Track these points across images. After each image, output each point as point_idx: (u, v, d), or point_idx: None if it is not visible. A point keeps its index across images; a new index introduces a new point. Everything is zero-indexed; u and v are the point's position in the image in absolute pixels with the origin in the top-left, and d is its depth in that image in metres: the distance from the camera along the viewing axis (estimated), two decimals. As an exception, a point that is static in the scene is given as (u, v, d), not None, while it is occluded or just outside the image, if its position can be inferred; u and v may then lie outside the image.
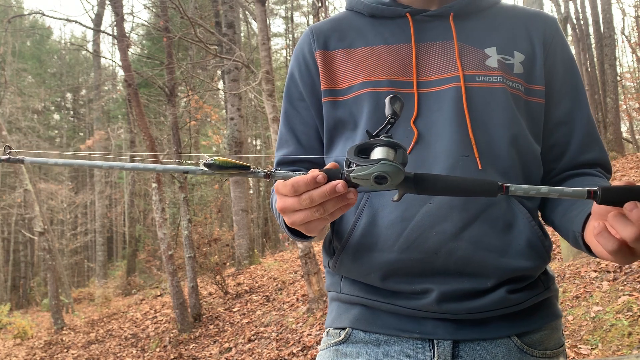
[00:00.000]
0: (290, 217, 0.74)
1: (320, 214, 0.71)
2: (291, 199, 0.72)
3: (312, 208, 0.71)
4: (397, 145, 0.68)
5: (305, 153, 1.02)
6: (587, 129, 0.98)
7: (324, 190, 0.69)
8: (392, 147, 0.68)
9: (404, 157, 0.68)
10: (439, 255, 0.87)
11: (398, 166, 0.65)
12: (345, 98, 0.97)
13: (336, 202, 0.70)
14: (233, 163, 0.71)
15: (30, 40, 27.74)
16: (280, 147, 1.05)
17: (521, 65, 0.95)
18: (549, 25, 1.00)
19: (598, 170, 0.97)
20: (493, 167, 0.89)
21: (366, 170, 0.65)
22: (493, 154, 0.90)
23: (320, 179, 0.69)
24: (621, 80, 17.61)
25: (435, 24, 0.97)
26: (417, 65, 0.94)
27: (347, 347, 0.95)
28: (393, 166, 0.65)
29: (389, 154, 0.67)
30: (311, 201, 0.70)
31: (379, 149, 0.67)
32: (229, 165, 0.71)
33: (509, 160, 0.90)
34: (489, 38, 0.96)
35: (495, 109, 0.91)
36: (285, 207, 0.73)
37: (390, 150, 0.67)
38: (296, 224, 0.75)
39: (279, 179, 0.71)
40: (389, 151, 0.67)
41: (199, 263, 9.39)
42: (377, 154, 0.67)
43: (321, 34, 1.02)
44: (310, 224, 0.75)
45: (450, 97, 0.91)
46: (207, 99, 14.39)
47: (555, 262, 5.39)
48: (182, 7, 8.13)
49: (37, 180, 19.51)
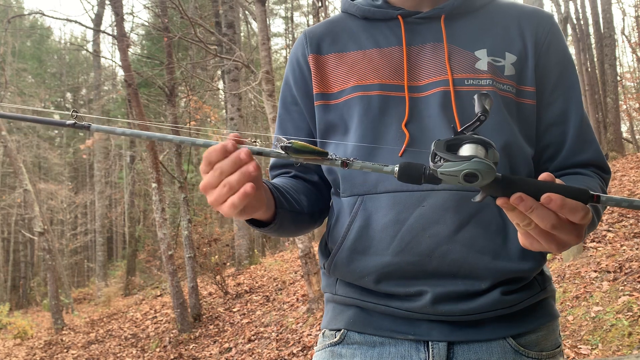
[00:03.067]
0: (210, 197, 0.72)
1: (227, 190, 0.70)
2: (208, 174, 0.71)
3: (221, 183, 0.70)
4: (488, 143, 0.65)
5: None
6: (580, 130, 0.97)
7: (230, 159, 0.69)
8: (482, 145, 0.64)
9: (495, 157, 0.64)
10: (433, 257, 0.87)
11: (491, 165, 0.62)
12: (337, 102, 0.97)
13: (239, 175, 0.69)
14: (310, 148, 0.69)
15: (30, 40, 27.72)
16: None
17: (512, 67, 0.94)
18: (543, 23, 0.98)
19: (592, 170, 0.96)
20: None
21: (457, 167, 0.62)
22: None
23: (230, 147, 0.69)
24: (621, 80, 17.60)
25: (427, 26, 0.97)
26: (408, 69, 0.94)
27: (343, 348, 0.96)
28: (486, 164, 0.62)
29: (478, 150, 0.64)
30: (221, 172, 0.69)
31: (469, 145, 0.64)
32: (306, 150, 0.69)
33: (500, 165, 0.89)
34: (479, 40, 0.95)
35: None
36: (204, 185, 0.72)
37: (481, 148, 0.64)
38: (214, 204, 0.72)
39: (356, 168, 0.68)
40: (479, 149, 0.64)
41: (199, 263, 9.39)
42: (468, 150, 0.64)
43: (314, 38, 1.02)
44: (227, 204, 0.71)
45: (439, 101, 0.91)
46: (207, 99, 14.39)
47: (555, 262, 5.39)
48: (182, 7, 8.13)
49: (37, 180, 19.52)
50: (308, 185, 1.04)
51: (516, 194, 0.63)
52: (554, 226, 0.65)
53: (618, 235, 5.50)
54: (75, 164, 27.10)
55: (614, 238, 5.46)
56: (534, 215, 0.64)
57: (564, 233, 0.66)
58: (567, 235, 0.67)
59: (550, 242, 0.68)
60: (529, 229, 0.67)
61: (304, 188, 1.02)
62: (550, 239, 0.68)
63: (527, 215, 0.65)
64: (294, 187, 0.99)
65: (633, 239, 5.28)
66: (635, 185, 7.48)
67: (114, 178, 23.37)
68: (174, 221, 14.71)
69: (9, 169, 20.60)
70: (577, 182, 0.91)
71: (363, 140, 0.92)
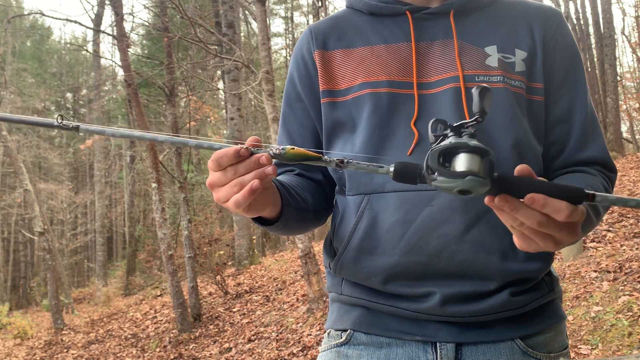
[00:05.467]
0: (216, 193, 0.73)
1: (238, 188, 0.71)
2: (217, 173, 0.72)
3: (232, 182, 0.71)
4: (484, 151, 0.63)
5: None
6: (585, 127, 0.96)
7: (249, 162, 0.70)
8: (478, 154, 0.62)
9: (491, 166, 0.63)
10: (441, 258, 0.86)
11: (484, 181, 0.61)
12: (345, 99, 0.95)
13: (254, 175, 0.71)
14: (303, 154, 0.69)
15: (30, 40, 27.73)
16: None
17: (523, 63, 0.93)
18: (551, 20, 0.97)
19: (596, 169, 0.95)
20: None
21: (450, 184, 0.62)
22: (495, 156, 0.89)
23: (243, 152, 0.70)
24: (621, 80, 17.59)
25: (436, 22, 0.95)
26: (417, 66, 0.93)
27: (349, 348, 0.94)
28: (479, 182, 0.61)
29: (474, 163, 0.62)
30: (235, 172, 0.71)
31: (464, 156, 0.62)
32: (298, 157, 0.70)
33: (510, 162, 0.88)
34: (489, 36, 0.94)
35: (496, 109, 0.89)
36: (212, 182, 0.73)
37: (476, 158, 0.62)
38: (221, 201, 0.74)
39: (351, 169, 0.69)
40: (474, 160, 0.62)
41: (199, 263, 9.39)
42: (462, 163, 0.62)
43: (320, 34, 1.00)
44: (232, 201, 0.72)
45: (450, 98, 0.89)
46: (207, 99, 14.38)
47: (556, 262, 5.39)
48: (182, 7, 8.13)
49: (37, 180, 19.51)
50: (312, 183, 1.03)
51: (500, 195, 0.64)
52: (541, 224, 0.65)
53: (618, 235, 5.50)
54: (75, 164, 27.10)
55: (614, 238, 5.46)
56: (519, 215, 0.65)
57: (555, 231, 0.66)
58: (559, 233, 0.67)
59: (546, 240, 0.68)
60: (522, 229, 0.68)
61: (308, 186, 1.01)
62: (544, 237, 0.68)
63: (515, 216, 0.65)
64: (299, 185, 0.98)
65: (633, 239, 5.28)
66: (635, 185, 7.49)
67: (114, 178, 23.37)
68: (174, 221, 14.71)
69: (9, 169, 20.60)
70: (578, 180, 0.90)
71: (371, 138, 0.91)
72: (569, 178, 0.93)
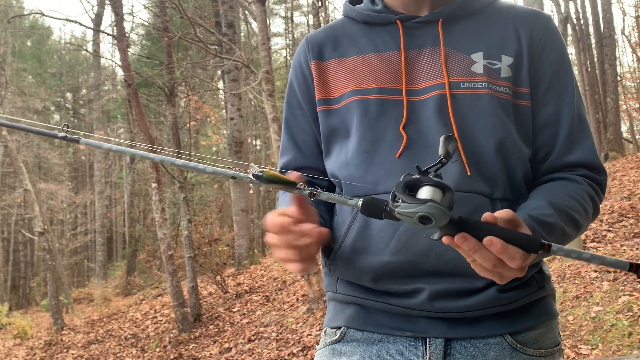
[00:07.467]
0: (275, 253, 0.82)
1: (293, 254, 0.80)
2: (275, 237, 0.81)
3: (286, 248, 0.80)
4: (446, 187, 0.68)
5: (305, 160, 1.06)
6: (571, 130, 0.97)
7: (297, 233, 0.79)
8: (440, 189, 0.68)
9: (451, 200, 0.68)
10: (430, 257, 0.88)
11: (444, 210, 0.66)
12: (337, 107, 1.00)
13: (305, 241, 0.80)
14: (280, 178, 0.74)
15: (30, 40, 27.73)
16: (282, 154, 1.09)
17: (509, 69, 0.95)
18: (539, 24, 0.98)
19: (583, 173, 0.96)
20: (480, 174, 0.90)
21: (412, 209, 0.66)
22: (480, 161, 0.91)
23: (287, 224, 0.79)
24: (621, 80, 17.61)
25: (425, 31, 0.98)
26: (406, 73, 0.96)
27: (343, 345, 0.97)
28: (439, 209, 0.65)
29: (435, 194, 0.67)
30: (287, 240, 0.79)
31: (427, 188, 0.68)
32: (276, 180, 0.74)
33: (495, 166, 0.91)
34: (476, 43, 0.96)
35: (481, 115, 0.91)
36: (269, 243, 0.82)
37: (438, 192, 0.67)
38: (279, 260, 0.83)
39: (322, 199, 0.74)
40: (436, 192, 0.67)
41: (199, 263, 9.39)
42: (425, 193, 0.67)
43: (315, 44, 1.05)
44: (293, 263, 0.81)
45: (436, 104, 0.92)
46: (207, 99, 14.39)
47: (556, 262, 5.39)
48: (182, 7, 8.13)
49: (37, 180, 19.52)
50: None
51: (460, 233, 0.69)
52: (495, 266, 0.70)
53: (618, 235, 5.51)
54: (75, 164, 27.11)
55: (614, 238, 5.46)
56: (477, 255, 0.70)
57: (506, 271, 0.72)
58: (509, 272, 0.72)
59: (493, 276, 0.74)
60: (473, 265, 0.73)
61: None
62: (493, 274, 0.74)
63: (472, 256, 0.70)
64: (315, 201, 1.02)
65: (633, 239, 5.29)
66: (635, 185, 7.49)
67: (113, 178, 23.37)
68: (174, 221, 14.70)
69: (9, 169, 20.60)
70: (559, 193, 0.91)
71: (362, 142, 0.95)
72: (549, 188, 0.94)
